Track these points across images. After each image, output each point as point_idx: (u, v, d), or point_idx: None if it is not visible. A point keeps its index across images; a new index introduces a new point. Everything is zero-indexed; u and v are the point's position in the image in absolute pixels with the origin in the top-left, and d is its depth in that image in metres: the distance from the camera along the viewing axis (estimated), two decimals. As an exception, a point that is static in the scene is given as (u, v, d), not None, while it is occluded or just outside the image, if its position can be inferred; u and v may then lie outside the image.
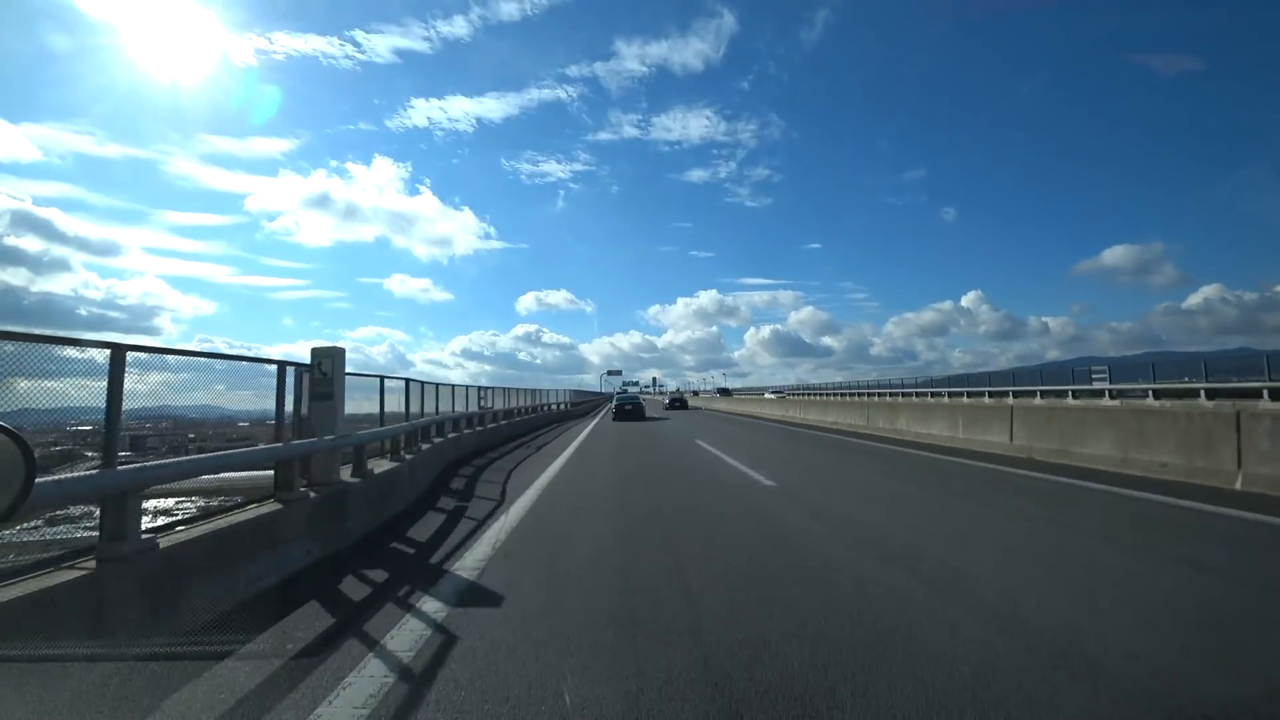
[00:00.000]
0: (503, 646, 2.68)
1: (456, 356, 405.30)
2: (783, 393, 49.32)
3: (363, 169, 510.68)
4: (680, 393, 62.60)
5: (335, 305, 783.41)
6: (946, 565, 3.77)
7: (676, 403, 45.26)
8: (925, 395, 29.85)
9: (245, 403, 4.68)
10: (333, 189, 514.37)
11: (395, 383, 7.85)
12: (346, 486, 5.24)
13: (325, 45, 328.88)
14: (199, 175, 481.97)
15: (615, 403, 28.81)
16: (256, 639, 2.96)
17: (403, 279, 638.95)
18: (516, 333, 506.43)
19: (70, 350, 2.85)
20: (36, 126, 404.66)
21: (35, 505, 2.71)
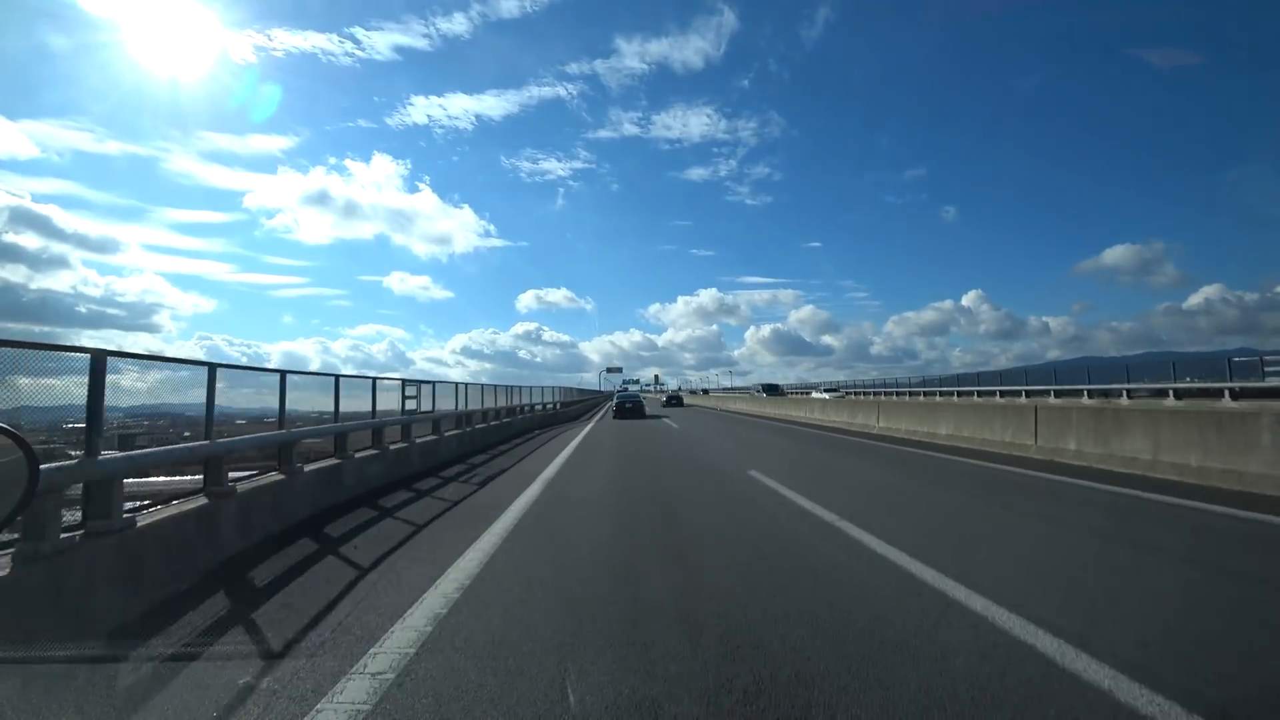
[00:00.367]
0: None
1: (456, 355, 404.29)
2: (841, 391, 42.83)
3: (362, 166, 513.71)
4: (677, 391, 67.57)
5: (335, 303, 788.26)
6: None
7: (673, 400, 48.67)
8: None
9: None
10: (332, 186, 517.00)
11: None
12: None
13: (325, 42, 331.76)
14: (198, 172, 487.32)
15: (616, 401, 29.93)
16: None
17: (402, 277, 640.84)
18: (516, 331, 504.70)
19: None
20: (35, 123, 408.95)
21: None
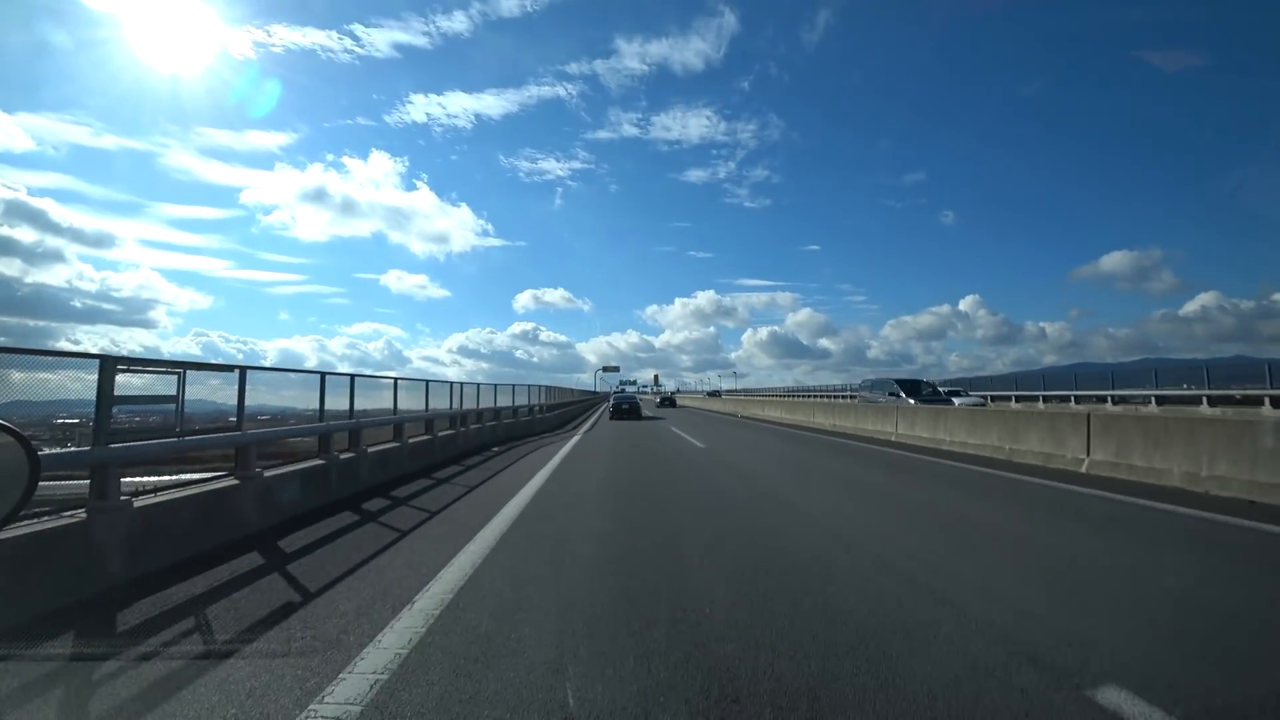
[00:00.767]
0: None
1: (454, 354, 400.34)
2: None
3: (359, 163, 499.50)
4: (671, 394, 71.31)
5: (332, 301, 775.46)
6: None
7: (666, 401, 53.78)
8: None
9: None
10: (329, 183, 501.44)
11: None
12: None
13: (324, 39, 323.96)
14: (196, 168, 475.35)
15: (612, 402, 31.06)
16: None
17: (399, 275, 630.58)
18: (514, 330, 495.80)
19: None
20: (32, 116, 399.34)
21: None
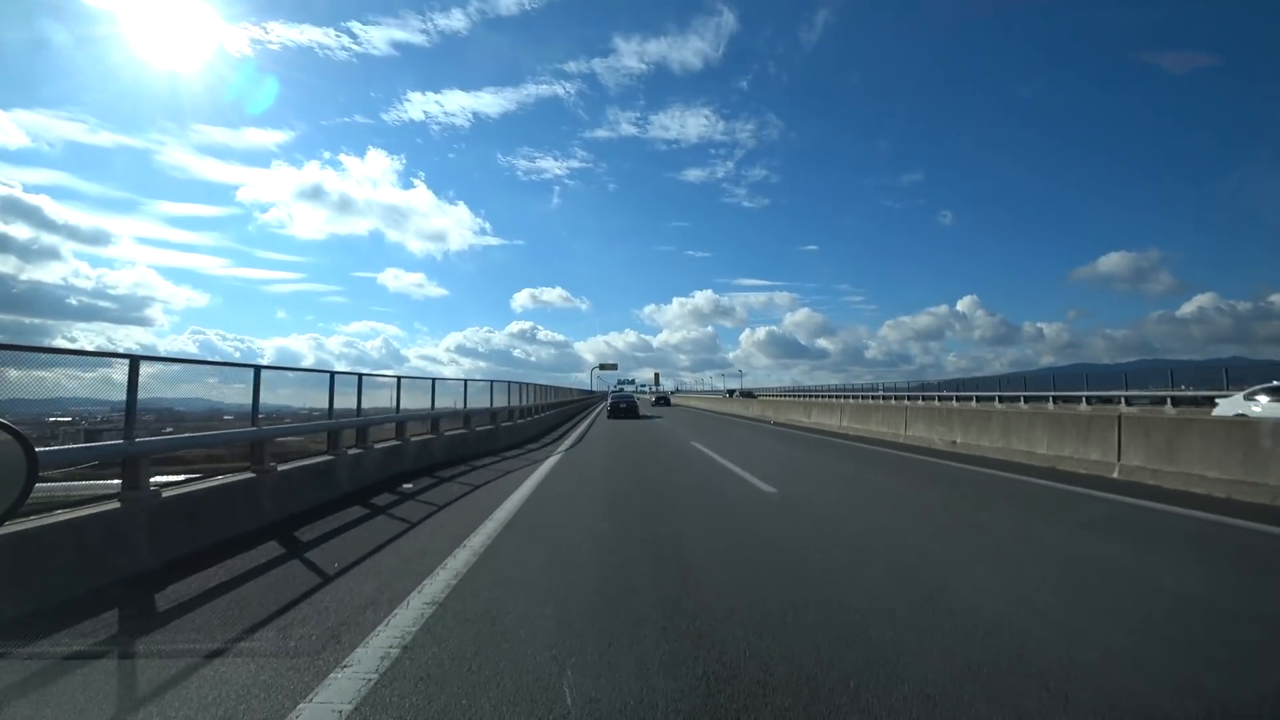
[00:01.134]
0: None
1: (451, 353, 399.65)
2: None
3: (356, 161, 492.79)
4: (666, 393, 74.57)
5: (329, 299, 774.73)
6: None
7: (661, 400, 56.95)
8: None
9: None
10: (326, 181, 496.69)
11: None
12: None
13: (321, 36, 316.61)
14: (192, 165, 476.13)
15: (610, 401, 31.70)
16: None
17: (396, 274, 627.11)
18: (511, 330, 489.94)
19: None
20: (27, 113, 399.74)
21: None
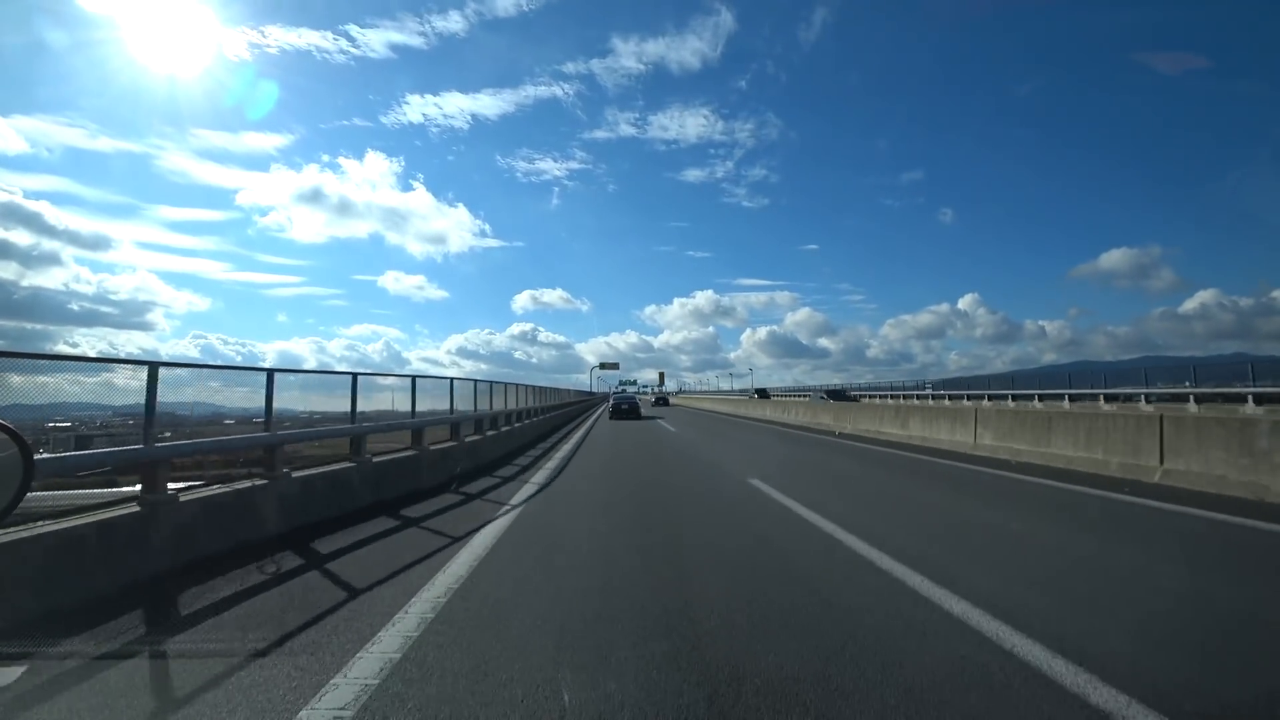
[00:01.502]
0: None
1: (452, 355, 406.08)
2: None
3: (355, 164, 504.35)
4: (665, 394, 77.04)
5: (330, 302, 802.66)
6: None
7: (660, 401, 58.90)
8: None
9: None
10: (325, 184, 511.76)
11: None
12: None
13: (319, 39, 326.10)
14: (192, 170, 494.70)
15: (612, 402, 32.00)
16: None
17: (397, 276, 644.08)
18: (512, 331, 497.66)
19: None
20: (26, 119, 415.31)
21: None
